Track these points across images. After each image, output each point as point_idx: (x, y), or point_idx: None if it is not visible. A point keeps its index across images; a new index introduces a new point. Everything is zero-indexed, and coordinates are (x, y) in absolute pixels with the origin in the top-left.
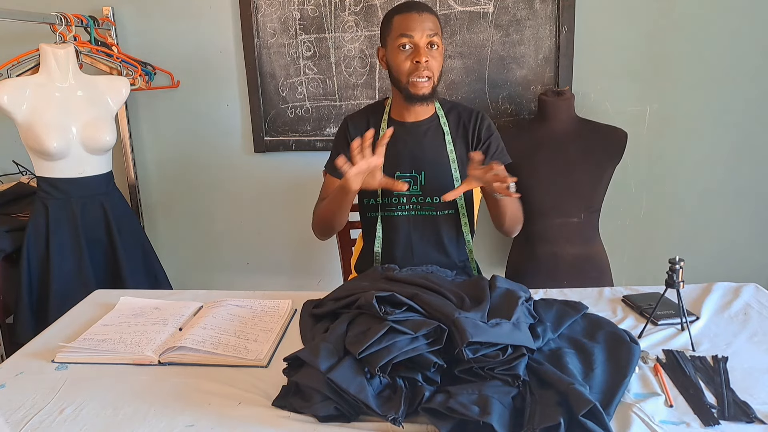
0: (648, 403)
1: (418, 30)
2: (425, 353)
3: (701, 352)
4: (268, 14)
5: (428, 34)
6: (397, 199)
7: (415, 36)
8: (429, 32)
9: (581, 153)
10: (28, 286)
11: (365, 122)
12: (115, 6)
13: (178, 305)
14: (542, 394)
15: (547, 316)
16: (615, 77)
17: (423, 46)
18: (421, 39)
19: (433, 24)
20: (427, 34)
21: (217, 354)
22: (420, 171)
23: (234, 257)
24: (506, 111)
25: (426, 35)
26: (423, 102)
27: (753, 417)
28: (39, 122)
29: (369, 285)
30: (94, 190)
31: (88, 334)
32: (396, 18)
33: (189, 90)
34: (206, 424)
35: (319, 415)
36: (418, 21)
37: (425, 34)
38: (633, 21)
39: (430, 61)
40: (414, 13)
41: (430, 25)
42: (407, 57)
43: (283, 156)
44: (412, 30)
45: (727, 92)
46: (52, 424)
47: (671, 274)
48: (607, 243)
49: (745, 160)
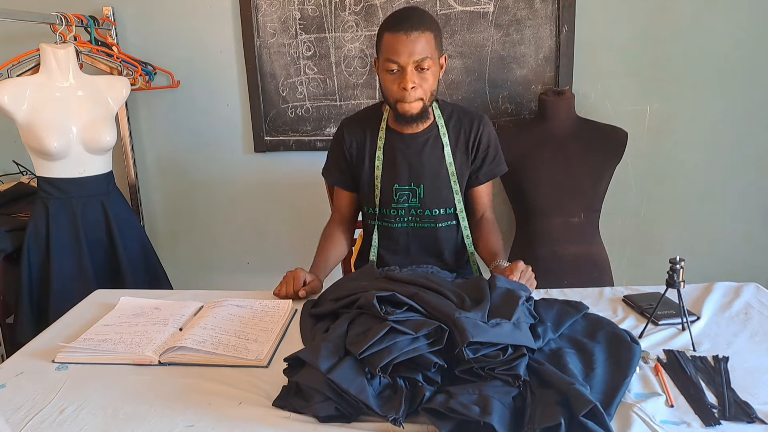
0: (649, 403)
1: (404, 55)
2: (426, 353)
3: (702, 352)
4: (268, 14)
5: (416, 59)
6: (395, 211)
7: (401, 61)
8: (417, 57)
9: (581, 153)
10: (28, 286)
11: (362, 131)
12: (115, 6)
13: (178, 305)
14: (543, 394)
15: (547, 315)
16: (615, 77)
17: (411, 70)
18: (408, 64)
19: (424, 44)
20: (415, 59)
21: (218, 354)
22: (419, 183)
23: (234, 257)
24: (506, 111)
25: (413, 60)
26: (413, 122)
27: (754, 417)
28: (39, 122)
29: (369, 285)
30: (95, 190)
31: (89, 334)
32: (386, 36)
33: (189, 90)
34: (206, 424)
35: (320, 416)
36: (405, 44)
37: (412, 59)
38: (633, 21)
39: (417, 87)
40: (402, 35)
41: (419, 47)
42: (394, 80)
43: (283, 156)
44: (398, 55)
45: (727, 92)
46: (52, 424)
47: (672, 274)
48: (607, 243)
49: (745, 159)
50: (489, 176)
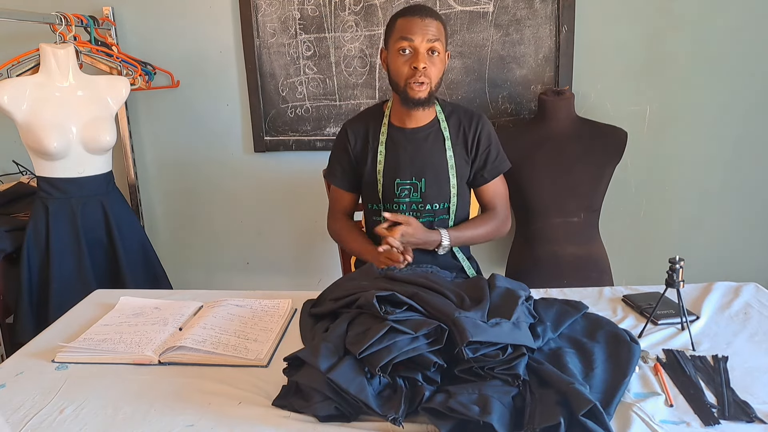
0: (648, 402)
1: (419, 34)
2: (425, 353)
3: (701, 351)
4: (268, 14)
5: (429, 39)
6: (398, 206)
7: (416, 40)
8: (430, 37)
9: (581, 153)
10: (28, 286)
11: (365, 129)
12: (115, 6)
13: (178, 305)
14: (542, 394)
15: (547, 315)
16: (615, 77)
17: (423, 52)
18: (422, 44)
19: (436, 30)
20: (428, 39)
21: (217, 354)
22: (420, 178)
23: (234, 257)
24: (506, 111)
25: (426, 40)
26: (420, 106)
27: (753, 416)
28: (39, 122)
29: (369, 284)
30: (94, 190)
31: (88, 334)
32: (399, 21)
33: (189, 90)
34: (206, 424)
35: (319, 415)
36: (420, 26)
37: (426, 39)
38: (633, 21)
39: (428, 68)
40: (417, 17)
41: (432, 30)
42: (406, 61)
43: (283, 156)
44: (413, 34)
45: (727, 92)
46: (52, 424)
47: (671, 274)
48: (607, 243)
49: (745, 159)
50: (494, 173)
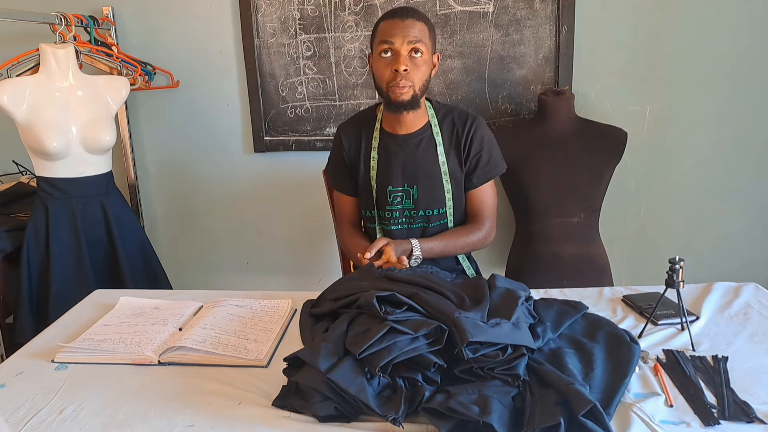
0: (648, 402)
1: (398, 36)
2: (425, 353)
3: (701, 351)
4: (268, 14)
5: (410, 40)
6: (390, 213)
7: (396, 42)
8: (411, 38)
9: (581, 153)
10: (28, 286)
11: (357, 134)
12: (115, 6)
13: (178, 305)
14: (542, 394)
15: (547, 315)
16: (615, 77)
17: (404, 54)
18: (402, 46)
19: (417, 31)
20: (409, 40)
21: (217, 354)
22: (413, 185)
23: (234, 257)
24: (506, 111)
25: (407, 42)
26: (404, 110)
27: (753, 417)
28: (39, 122)
29: (369, 285)
30: (94, 190)
31: (88, 334)
32: (381, 24)
33: (189, 90)
34: (206, 424)
35: (319, 415)
36: (399, 27)
37: (407, 40)
38: (633, 21)
39: (410, 71)
40: (397, 19)
41: (414, 32)
42: (387, 64)
43: (283, 156)
44: (392, 36)
45: (726, 92)
46: (52, 424)
47: (671, 274)
48: (607, 243)
49: (745, 159)
50: (483, 179)
